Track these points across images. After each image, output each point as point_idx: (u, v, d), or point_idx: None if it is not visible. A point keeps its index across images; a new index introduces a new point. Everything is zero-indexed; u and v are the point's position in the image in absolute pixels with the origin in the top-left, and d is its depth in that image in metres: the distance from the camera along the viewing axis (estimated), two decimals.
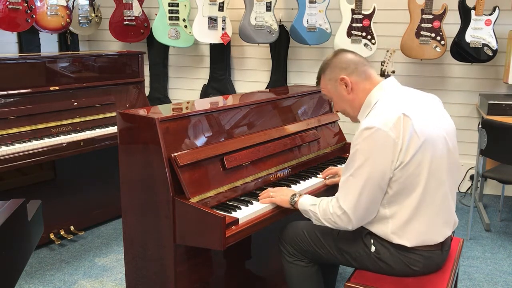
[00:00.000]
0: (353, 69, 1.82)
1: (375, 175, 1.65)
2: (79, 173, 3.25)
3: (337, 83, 1.85)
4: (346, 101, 1.86)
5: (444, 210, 1.77)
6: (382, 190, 1.69)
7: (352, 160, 1.69)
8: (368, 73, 1.84)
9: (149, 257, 1.99)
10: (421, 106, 1.75)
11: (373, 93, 1.80)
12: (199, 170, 1.90)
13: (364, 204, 1.69)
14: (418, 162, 1.66)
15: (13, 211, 1.28)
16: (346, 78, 1.82)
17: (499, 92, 3.98)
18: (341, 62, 1.85)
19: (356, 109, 1.86)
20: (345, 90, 1.84)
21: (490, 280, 2.78)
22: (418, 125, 1.66)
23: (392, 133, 1.63)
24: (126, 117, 1.96)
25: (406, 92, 1.82)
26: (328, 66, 1.88)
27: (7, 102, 2.78)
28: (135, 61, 3.54)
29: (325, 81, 1.90)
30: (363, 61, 1.86)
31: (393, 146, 1.63)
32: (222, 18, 4.23)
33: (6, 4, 3.61)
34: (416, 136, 1.65)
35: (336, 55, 1.88)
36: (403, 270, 1.78)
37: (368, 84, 1.82)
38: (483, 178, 3.89)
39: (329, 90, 1.90)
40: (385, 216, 1.73)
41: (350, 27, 3.90)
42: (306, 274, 1.97)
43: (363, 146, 1.67)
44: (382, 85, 1.81)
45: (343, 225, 1.73)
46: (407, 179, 1.66)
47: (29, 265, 2.86)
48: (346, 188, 1.71)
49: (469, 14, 3.68)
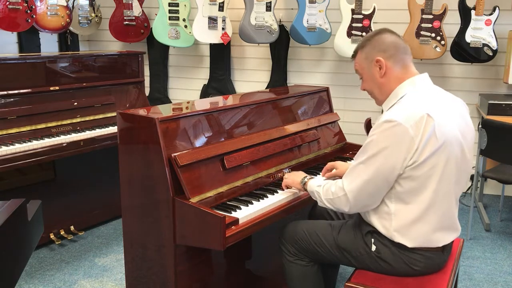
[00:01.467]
0: (392, 54, 1.77)
1: (385, 168, 1.65)
2: (79, 173, 3.25)
3: (372, 64, 1.80)
4: (376, 83, 1.82)
5: (449, 216, 1.76)
6: (388, 184, 1.69)
7: (366, 149, 1.69)
8: (406, 62, 1.79)
9: (149, 257, 1.99)
10: (446, 110, 1.73)
11: (403, 86, 1.76)
12: (199, 170, 1.90)
13: (367, 193, 1.70)
14: (432, 164, 1.65)
15: (13, 211, 1.28)
16: (382, 61, 1.77)
17: (499, 92, 3.98)
18: (382, 43, 1.79)
19: (384, 94, 1.81)
20: (378, 72, 1.79)
21: (490, 280, 2.78)
22: (439, 128, 1.64)
23: (411, 130, 1.61)
24: (126, 117, 1.96)
25: (435, 92, 1.79)
26: (368, 44, 1.82)
27: (7, 102, 2.78)
28: (135, 61, 3.54)
29: (360, 58, 1.84)
30: (404, 48, 1.80)
31: (410, 143, 1.62)
32: (222, 18, 4.23)
33: (6, 4, 3.61)
34: (435, 138, 1.63)
35: (379, 33, 1.82)
36: (403, 270, 1.78)
37: (402, 74, 1.78)
38: (483, 178, 3.89)
39: (363, 67, 1.84)
40: (389, 211, 1.73)
41: (350, 27, 3.90)
42: (307, 273, 1.97)
43: (380, 137, 1.65)
44: (415, 80, 1.77)
45: (341, 206, 1.76)
46: (417, 179, 1.66)
47: (29, 265, 2.85)
48: (355, 173, 1.72)
49: (469, 14, 3.68)
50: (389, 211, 1.73)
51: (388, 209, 1.73)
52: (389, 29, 1.84)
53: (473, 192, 3.64)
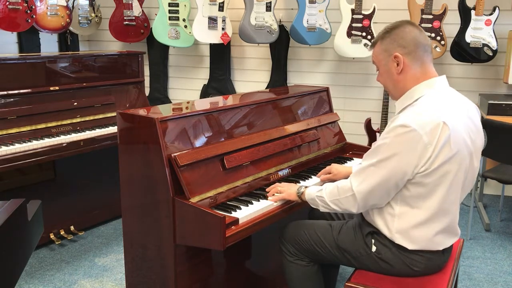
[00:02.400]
0: (411, 50, 1.70)
1: (396, 173, 1.63)
2: (79, 173, 3.25)
3: (390, 58, 1.73)
4: (392, 79, 1.76)
5: (452, 223, 1.76)
6: (397, 188, 1.68)
7: (377, 151, 1.66)
8: (425, 61, 1.72)
9: (149, 257, 1.99)
10: (461, 116, 1.69)
11: (420, 87, 1.70)
12: (199, 170, 1.90)
13: (376, 196, 1.69)
14: (442, 172, 1.63)
15: (13, 211, 1.28)
16: (400, 57, 1.70)
17: (499, 92, 3.98)
18: (402, 38, 1.71)
19: (398, 91, 1.76)
20: (395, 68, 1.72)
21: (490, 280, 2.78)
22: (454, 137, 1.61)
23: (426, 138, 1.58)
24: (126, 117, 1.96)
25: (451, 96, 1.74)
26: (388, 36, 1.74)
27: (7, 102, 2.78)
28: (135, 61, 3.54)
29: (379, 50, 1.77)
30: (425, 45, 1.72)
31: (423, 150, 1.59)
32: (222, 18, 4.23)
33: (6, 4, 3.61)
34: (449, 147, 1.60)
35: (401, 26, 1.73)
36: (403, 270, 1.77)
37: (420, 73, 1.72)
38: (483, 178, 3.89)
39: (380, 60, 1.77)
40: (393, 213, 1.73)
41: (350, 27, 3.90)
42: (307, 273, 1.97)
43: (393, 141, 1.62)
44: (432, 81, 1.71)
45: (348, 207, 1.74)
46: (427, 185, 1.64)
47: (29, 265, 2.85)
48: (364, 175, 1.69)
49: (469, 14, 3.68)
50: (393, 212, 1.73)
51: (393, 211, 1.73)
52: (412, 22, 1.77)
53: (473, 192, 3.64)
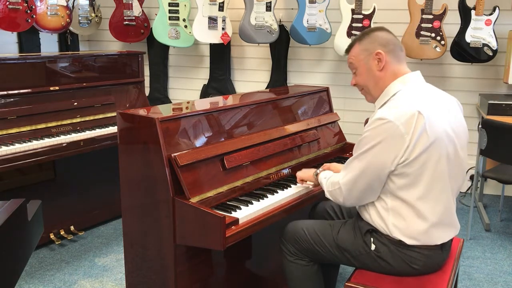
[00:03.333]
0: (391, 49, 1.80)
1: (375, 164, 1.69)
2: (79, 173, 3.25)
3: (371, 56, 1.81)
4: (373, 77, 1.82)
5: (446, 213, 1.77)
6: (380, 181, 1.72)
7: (359, 145, 1.75)
8: (401, 59, 1.83)
9: (149, 257, 1.99)
10: (438, 107, 1.75)
11: (395, 84, 1.79)
12: (199, 170, 1.90)
13: (359, 187, 1.76)
14: (423, 161, 1.67)
15: (13, 211, 1.28)
16: (382, 54, 1.79)
17: (499, 92, 3.98)
18: (382, 38, 1.82)
19: (378, 89, 1.83)
20: (377, 66, 1.81)
21: (490, 280, 2.78)
22: (430, 126, 1.66)
23: (402, 128, 1.64)
24: (126, 117, 1.96)
25: (427, 90, 1.81)
26: (367, 37, 1.84)
27: (7, 102, 2.78)
28: (135, 61, 3.54)
29: (358, 50, 1.84)
30: (400, 46, 1.85)
31: (401, 141, 1.64)
32: (222, 18, 4.23)
33: (6, 4, 3.61)
34: (426, 135, 1.65)
35: (378, 30, 1.85)
36: (403, 269, 1.78)
37: (397, 70, 1.81)
38: (483, 178, 3.89)
39: (359, 60, 1.84)
40: (386, 207, 1.76)
41: (350, 27, 3.90)
42: (307, 273, 1.97)
43: (371, 134, 1.69)
44: (406, 77, 1.80)
45: (336, 197, 1.85)
46: (409, 175, 1.68)
47: (29, 265, 2.86)
48: (349, 168, 1.79)
49: (469, 14, 3.68)
50: (387, 207, 1.76)
51: (386, 205, 1.76)
52: (385, 28, 1.88)
53: (473, 192, 3.64)
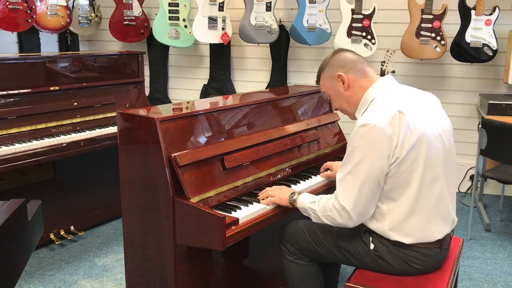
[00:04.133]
0: (350, 67, 1.86)
1: (373, 171, 1.67)
2: (79, 173, 3.25)
3: (335, 80, 1.88)
4: (343, 98, 1.90)
5: (441, 207, 1.77)
6: (380, 186, 1.71)
7: (350, 157, 1.71)
8: (366, 71, 1.87)
9: (149, 257, 1.99)
10: (416, 104, 1.78)
11: (370, 91, 1.83)
12: (199, 170, 1.90)
13: (363, 200, 1.70)
14: (413, 158, 1.68)
15: (13, 211, 1.28)
16: (343, 75, 1.86)
17: (499, 92, 3.98)
18: (339, 60, 1.89)
19: (353, 106, 1.89)
20: (342, 87, 1.87)
21: (490, 280, 2.78)
22: (413, 122, 1.68)
23: (387, 130, 1.65)
24: (126, 117, 1.96)
25: (403, 90, 1.85)
26: (327, 64, 1.92)
27: (7, 102, 2.78)
28: (135, 61, 3.54)
29: (324, 79, 1.94)
30: (360, 59, 1.90)
31: (389, 142, 1.65)
32: (222, 18, 4.23)
33: (6, 4, 3.62)
34: (411, 132, 1.67)
35: (334, 54, 1.93)
36: (402, 268, 1.78)
37: (365, 82, 1.85)
38: (483, 178, 3.89)
39: (328, 87, 1.93)
40: (382, 212, 1.75)
41: (350, 27, 3.90)
42: (307, 273, 1.97)
43: (360, 143, 1.68)
44: (379, 83, 1.84)
45: (343, 222, 1.74)
46: (401, 174, 1.69)
47: (29, 265, 2.86)
48: (345, 185, 1.72)
49: (469, 14, 3.68)
50: (382, 211, 1.75)
51: (381, 210, 1.75)
52: (342, 48, 1.98)
53: (473, 192, 3.64)
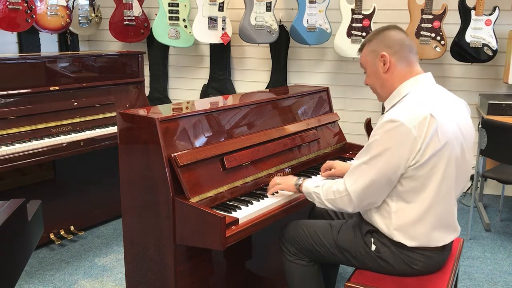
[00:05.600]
0: (396, 50, 1.78)
1: (388, 168, 1.65)
2: (79, 173, 3.25)
3: (377, 58, 1.80)
4: (379, 78, 1.82)
5: (449, 216, 1.77)
6: (391, 184, 1.69)
7: (369, 148, 1.69)
8: (410, 60, 1.79)
9: (149, 257, 1.99)
10: (448, 110, 1.73)
11: (406, 85, 1.76)
12: (199, 170, 1.90)
13: (370, 193, 1.70)
14: (433, 164, 1.65)
15: (13, 211, 1.28)
16: (386, 56, 1.78)
17: (499, 92, 3.98)
18: (388, 39, 1.79)
19: (386, 91, 1.82)
20: (382, 68, 1.79)
21: (490, 280, 2.78)
22: (441, 129, 1.64)
23: (414, 131, 1.61)
24: (126, 117, 1.96)
25: (438, 92, 1.79)
26: (375, 38, 1.83)
27: (7, 102, 2.78)
28: (135, 61, 3.54)
29: (366, 52, 1.85)
30: (410, 46, 1.81)
31: (413, 143, 1.62)
32: (222, 18, 4.23)
33: (6, 4, 3.61)
34: (437, 139, 1.63)
35: (387, 29, 1.83)
36: (403, 269, 1.78)
37: (406, 72, 1.78)
38: (483, 178, 3.89)
39: (367, 61, 1.85)
40: (390, 210, 1.73)
41: (350, 27, 3.90)
42: (307, 273, 1.97)
43: (383, 137, 1.65)
44: (417, 79, 1.77)
45: (343, 206, 1.76)
46: (419, 178, 1.66)
47: (29, 265, 2.85)
48: (358, 173, 1.71)
49: (469, 14, 3.68)
50: (390, 209, 1.74)
51: (389, 208, 1.74)
52: (398, 26, 1.84)
53: (473, 192, 3.64)
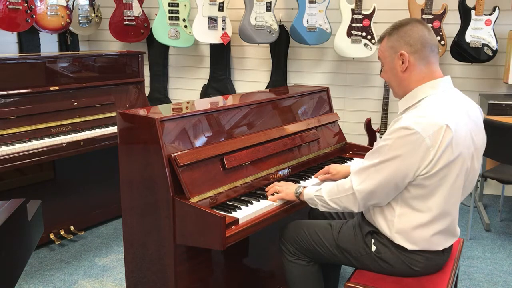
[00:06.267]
0: (417, 49, 1.69)
1: (397, 175, 1.63)
2: (79, 173, 3.25)
3: (396, 55, 1.72)
4: (396, 76, 1.75)
5: (452, 223, 1.76)
6: (397, 190, 1.68)
7: (379, 152, 1.66)
8: (430, 61, 1.71)
9: (149, 257, 1.99)
10: (464, 119, 1.67)
11: (424, 88, 1.69)
12: (199, 170, 1.90)
13: (376, 196, 1.70)
14: (443, 174, 1.63)
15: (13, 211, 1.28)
16: (406, 55, 1.69)
17: (499, 92, 3.98)
18: (410, 36, 1.69)
19: (402, 89, 1.75)
20: (400, 66, 1.71)
21: (490, 280, 2.78)
22: (456, 140, 1.61)
23: (428, 141, 1.58)
24: (126, 117, 1.96)
25: (455, 98, 1.72)
26: (396, 33, 1.72)
27: (7, 102, 2.78)
28: (135, 61, 3.54)
29: (385, 46, 1.76)
30: (432, 45, 1.71)
31: (426, 153, 1.59)
32: (222, 18, 4.23)
33: (6, 4, 3.61)
34: (451, 150, 1.60)
35: (410, 24, 1.72)
36: (403, 270, 1.77)
37: (424, 73, 1.70)
38: (483, 178, 3.89)
39: (385, 56, 1.76)
40: (393, 213, 1.73)
41: (350, 27, 3.90)
42: (307, 273, 1.97)
43: (396, 143, 1.61)
44: (435, 83, 1.70)
45: (349, 205, 1.75)
46: (427, 187, 1.65)
47: (29, 265, 2.85)
48: (366, 175, 1.69)
49: (469, 14, 3.68)
50: (394, 213, 1.73)
51: (393, 211, 1.73)
52: (422, 21, 1.76)
53: (473, 192, 3.64)
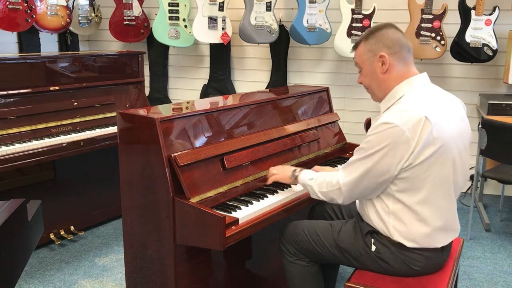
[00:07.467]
0: (396, 50, 1.74)
1: (378, 168, 1.67)
2: (79, 173, 3.25)
3: (375, 58, 1.76)
4: (376, 79, 1.78)
5: (449, 218, 1.77)
6: (381, 184, 1.71)
7: (363, 147, 1.72)
8: (408, 61, 1.77)
9: (149, 257, 1.99)
10: (445, 111, 1.72)
11: (401, 86, 1.74)
12: (199, 170, 1.90)
13: (360, 189, 1.75)
14: (427, 166, 1.65)
15: (13, 211, 1.28)
16: (386, 57, 1.73)
17: (499, 92, 3.97)
18: (388, 38, 1.74)
19: (382, 91, 1.79)
20: (380, 68, 1.75)
21: (490, 280, 2.78)
22: (437, 131, 1.64)
23: (408, 133, 1.61)
24: (126, 117, 1.96)
25: (433, 92, 1.77)
26: (373, 36, 1.77)
27: (7, 102, 2.78)
28: (135, 61, 3.54)
29: (363, 50, 1.79)
30: (408, 46, 1.77)
31: (406, 146, 1.62)
32: (222, 18, 4.23)
33: (6, 4, 3.61)
34: (433, 142, 1.63)
35: (385, 27, 1.77)
36: (403, 270, 1.78)
37: (403, 73, 1.75)
38: (483, 178, 3.89)
39: (364, 61, 1.80)
40: (388, 211, 1.74)
41: (350, 27, 3.90)
42: (307, 273, 1.97)
43: (377, 137, 1.67)
44: (413, 80, 1.75)
45: (335, 197, 1.82)
46: (412, 180, 1.67)
47: (29, 265, 2.86)
48: (351, 168, 1.76)
49: (469, 14, 3.68)
50: (388, 210, 1.75)
51: (387, 208, 1.75)
52: (394, 25, 1.80)
53: (473, 192, 3.64)
